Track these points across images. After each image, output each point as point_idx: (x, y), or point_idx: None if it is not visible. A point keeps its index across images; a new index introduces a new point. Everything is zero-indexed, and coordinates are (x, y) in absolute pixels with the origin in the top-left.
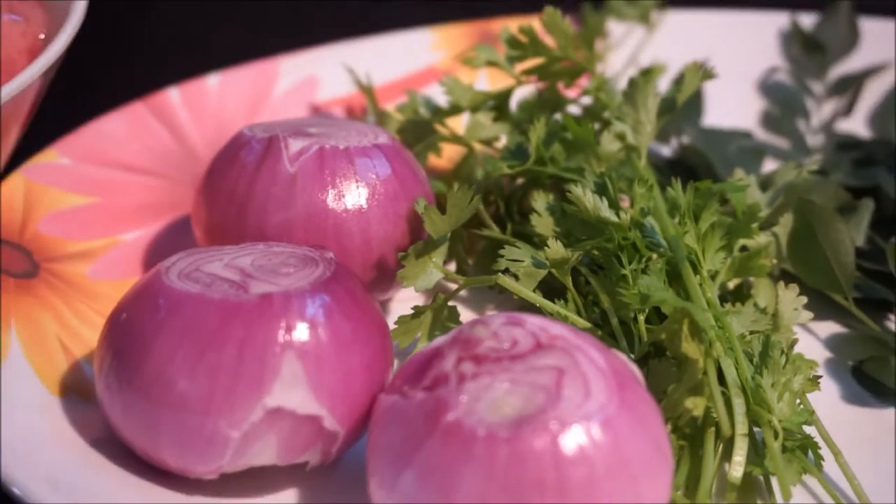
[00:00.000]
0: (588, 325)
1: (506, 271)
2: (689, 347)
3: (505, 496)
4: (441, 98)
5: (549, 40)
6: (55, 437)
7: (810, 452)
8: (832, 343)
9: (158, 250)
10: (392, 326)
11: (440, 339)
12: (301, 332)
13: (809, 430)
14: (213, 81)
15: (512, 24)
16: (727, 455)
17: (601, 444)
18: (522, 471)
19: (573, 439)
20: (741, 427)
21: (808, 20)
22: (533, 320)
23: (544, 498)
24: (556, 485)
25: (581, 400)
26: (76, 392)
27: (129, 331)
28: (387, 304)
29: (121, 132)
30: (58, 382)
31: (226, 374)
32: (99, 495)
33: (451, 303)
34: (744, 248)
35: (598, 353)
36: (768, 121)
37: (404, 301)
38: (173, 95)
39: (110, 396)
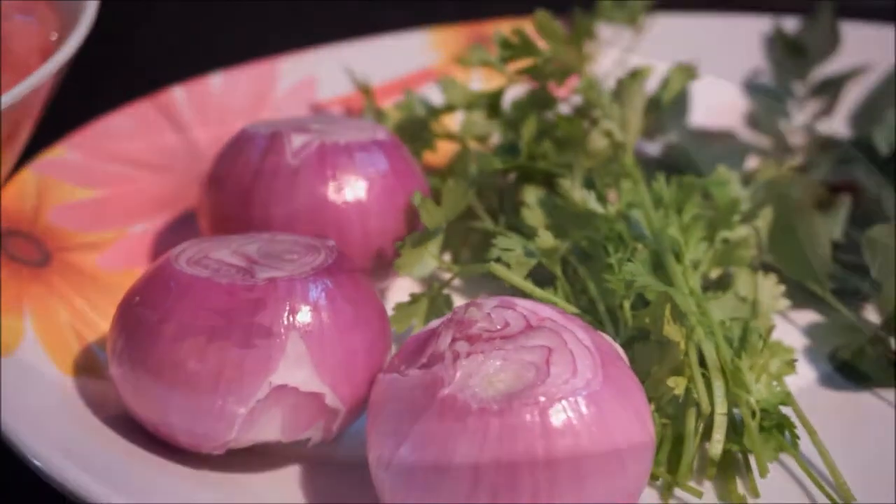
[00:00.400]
0: (576, 310)
1: (498, 261)
2: (671, 330)
3: (497, 465)
4: (436, 98)
5: (540, 42)
6: (70, 415)
7: (787, 432)
8: (810, 331)
9: (165, 242)
10: (390, 313)
11: (436, 321)
12: (305, 314)
13: (787, 412)
14: (217, 81)
15: (504, 27)
16: (707, 433)
17: (587, 417)
18: (513, 441)
19: (560, 412)
20: (720, 406)
21: (790, 24)
22: (523, 303)
23: (533, 466)
24: (544, 454)
25: (568, 376)
26: (88, 373)
27: (141, 313)
28: (384, 294)
29: (127, 129)
30: (71, 365)
31: (234, 353)
32: (112, 468)
33: (445, 291)
34: (725, 241)
35: (584, 334)
36: (751, 121)
37: (401, 290)
38: (178, 94)
39: (123, 375)
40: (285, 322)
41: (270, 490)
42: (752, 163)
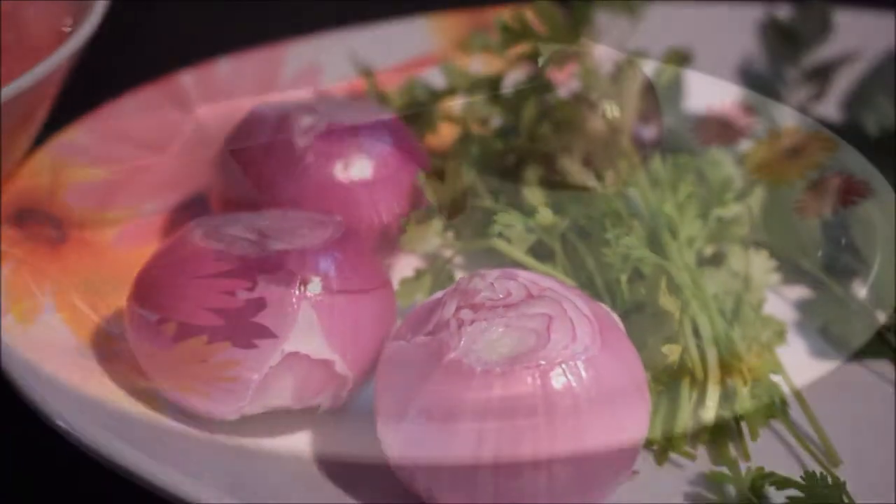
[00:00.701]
0: (575, 284)
1: (499, 237)
2: (667, 301)
3: (500, 425)
4: (438, 83)
5: (539, 29)
6: (90, 382)
7: (777, 399)
8: (801, 305)
9: (177, 221)
10: (395, 287)
11: (440, 292)
12: (315, 285)
13: (777, 380)
14: (224, 66)
15: (505, 13)
16: (701, 401)
17: (585, 380)
18: (515, 402)
19: (560, 375)
20: (714, 374)
21: (782, 12)
22: (525, 274)
23: (535, 427)
24: (545, 415)
25: (568, 342)
26: (106, 344)
27: (158, 285)
28: (389, 269)
29: (137, 112)
30: (89, 336)
31: (248, 322)
32: (133, 429)
33: (448, 267)
34: (719, 219)
35: (583, 303)
36: (745, 106)
37: (405, 267)
38: (186, 79)
39: (140, 345)
40: (297, 292)
41: (281, 455)
42: (744, 145)
